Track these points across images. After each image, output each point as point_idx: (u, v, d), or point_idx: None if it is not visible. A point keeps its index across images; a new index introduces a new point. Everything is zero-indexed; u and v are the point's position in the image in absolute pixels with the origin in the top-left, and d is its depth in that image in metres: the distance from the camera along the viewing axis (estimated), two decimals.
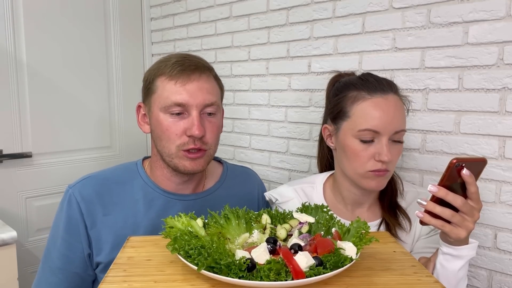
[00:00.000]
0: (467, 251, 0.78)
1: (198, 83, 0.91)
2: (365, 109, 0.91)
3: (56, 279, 0.93)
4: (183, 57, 0.93)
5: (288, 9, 1.49)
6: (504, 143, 1.05)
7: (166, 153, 0.92)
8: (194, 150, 0.90)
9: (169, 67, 0.90)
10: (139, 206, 0.96)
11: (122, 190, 0.97)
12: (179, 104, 0.89)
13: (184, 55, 0.95)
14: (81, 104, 1.90)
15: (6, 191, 1.69)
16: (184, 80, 0.90)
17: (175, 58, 0.92)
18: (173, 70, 0.90)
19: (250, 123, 1.69)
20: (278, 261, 0.58)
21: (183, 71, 0.90)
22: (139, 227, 0.94)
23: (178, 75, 0.90)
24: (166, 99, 0.89)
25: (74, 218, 0.92)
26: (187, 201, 0.99)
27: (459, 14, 1.09)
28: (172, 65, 0.90)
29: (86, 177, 0.97)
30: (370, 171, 0.91)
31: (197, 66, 0.92)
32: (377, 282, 0.63)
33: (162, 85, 0.90)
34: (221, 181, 1.07)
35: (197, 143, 0.90)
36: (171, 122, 0.90)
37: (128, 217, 0.94)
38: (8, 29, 1.66)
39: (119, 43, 2.02)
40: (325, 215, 0.77)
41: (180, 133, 0.90)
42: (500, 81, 1.04)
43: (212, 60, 1.79)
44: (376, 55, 1.27)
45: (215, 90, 0.95)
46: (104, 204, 0.94)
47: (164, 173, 0.97)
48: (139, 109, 0.98)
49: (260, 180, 1.19)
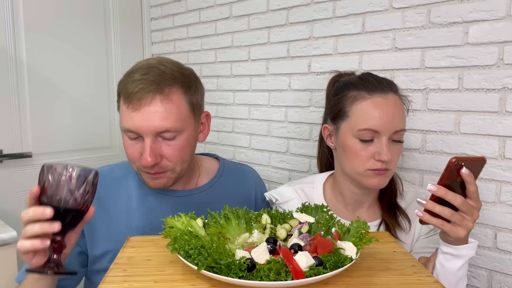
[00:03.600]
0: (466, 250, 0.78)
1: (149, 108, 0.83)
2: (365, 108, 0.91)
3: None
4: (145, 72, 0.85)
5: (288, 9, 1.49)
6: (504, 143, 1.05)
7: (134, 168, 0.93)
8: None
9: (128, 85, 0.84)
10: (133, 201, 0.97)
11: (118, 186, 0.98)
12: (131, 131, 0.86)
13: (151, 66, 0.87)
14: (81, 104, 1.90)
15: (6, 191, 1.69)
16: (135, 105, 0.83)
17: (138, 73, 0.85)
18: (127, 92, 0.84)
19: (250, 123, 1.69)
20: (278, 261, 0.58)
21: (136, 94, 0.83)
22: (132, 221, 0.95)
23: (131, 98, 0.84)
24: (122, 122, 0.88)
25: None
26: (179, 197, 0.99)
27: (459, 14, 1.09)
28: (131, 83, 0.84)
29: None
30: (369, 170, 0.91)
31: (156, 85, 0.83)
32: (377, 282, 0.63)
33: (121, 106, 0.87)
34: (217, 178, 1.06)
35: (153, 169, 0.88)
36: (130, 144, 0.89)
37: (122, 211, 0.96)
38: (8, 29, 1.66)
39: (119, 43, 2.02)
40: (325, 215, 0.77)
41: (138, 156, 0.88)
42: (500, 81, 1.04)
43: (212, 60, 1.79)
44: (376, 55, 1.27)
45: (174, 112, 0.85)
46: (99, 198, 0.93)
47: None
48: None
49: (259, 178, 1.18)
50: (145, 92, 0.83)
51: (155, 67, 0.87)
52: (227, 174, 1.09)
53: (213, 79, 1.80)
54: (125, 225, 0.94)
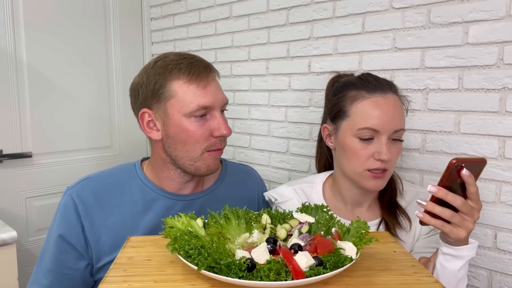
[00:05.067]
0: (467, 251, 0.78)
1: (214, 83, 0.93)
2: (365, 108, 0.91)
3: (46, 281, 0.91)
4: (188, 58, 0.92)
5: (288, 9, 1.49)
6: (504, 143, 1.05)
7: (190, 157, 0.91)
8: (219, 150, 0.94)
9: (184, 70, 0.89)
10: (138, 207, 0.95)
11: (121, 191, 0.96)
12: (205, 107, 0.89)
13: (183, 55, 0.93)
14: (81, 104, 1.90)
15: (6, 191, 1.69)
16: (205, 82, 0.90)
17: (183, 60, 0.91)
18: (191, 73, 0.89)
19: (250, 123, 1.69)
20: (278, 261, 0.58)
21: (200, 73, 0.90)
22: (138, 227, 0.94)
23: (199, 78, 0.90)
24: (190, 103, 0.88)
25: (71, 220, 0.91)
26: (187, 201, 0.99)
27: (459, 14, 1.09)
28: (187, 67, 0.89)
29: (85, 178, 0.97)
30: (369, 170, 0.91)
31: (207, 66, 0.93)
32: (377, 282, 0.63)
33: (182, 90, 0.89)
34: (221, 180, 1.07)
35: (222, 143, 0.94)
36: (197, 125, 0.90)
37: (127, 218, 0.94)
38: (8, 29, 1.66)
39: (119, 43, 2.02)
40: (325, 215, 0.77)
41: (207, 135, 0.91)
42: (500, 81, 1.04)
43: (212, 60, 1.79)
44: (376, 55, 1.27)
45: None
46: (103, 205, 0.93)
47: (170, 174, 0.96)
48: (143, 116, 0.93)
49: (261, 179, 1.19)
50: (207, 71, 0.92)
51: (189, 56, 0.95)
52: (230, 175, 1.09)
53: None
54: (131, 232, 0.92)
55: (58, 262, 0.91)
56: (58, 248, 0.91)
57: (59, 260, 0.91)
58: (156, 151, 0.96)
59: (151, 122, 0.93)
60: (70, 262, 0.91)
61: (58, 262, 0.91)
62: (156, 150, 0.96)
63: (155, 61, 0.93)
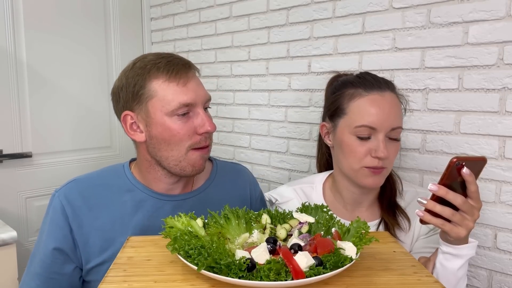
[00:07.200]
0: (466, 250, 0.78)
1: (195, 80, 0.92)
2: (362, 105, 0.91)
3: (34, 284, 0.90)
4: (167, 56, 0.91)
5: (288, 9, 1.49)
6: (504, 143, 1.05)
7: (175, 157, 0.90)
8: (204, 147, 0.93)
9: (162, 68, 0.88)
10: (127, 208, 0.94)
11: (109, 192, 0.95)
12: (186, 105, 0.88)
13: (161, 54, 0.92)
14: (81, 104, 1.90)
15: (6, 191, 1.69)
16: (184, 80, 0.89)
17: (161, 59, 0.89)
18: (169, 71, 0.88)
19: (250, 123, 1.69)
20: (278, 261, 0.58)
21: (180, 71, 0.89)
22: (127, 229, 0.92)
23: (179, 76, 0.88)
24: (171, 102, 0.87)
25: (58, 222, 0.90)
26: (177, 201, 0.97)
27: (459, 14, 1.09)
28: (165, 66, 0.88)
29: (72, 180, 0.96)
30: (366, 167, 0.91)
31: (186, 63, 0.92)
32: (377, 282, 0.63)
33: (162, 88, 0.87)
34: (211, 179, 1.05)
35: (207, 140, 0.92)
36: (180, 124, 0.88)
37: (116, 219, 0.92)
38: (8, 29, 1.66)
39: (119, 43, 2.02)
40: (325, 215, 0.77)
41: (192, 133, 0.89)
42: (500, 81, 1.04)
43: (212, 60, 1.79)
44: (376, 55, 1.27)
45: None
46: (91, 207, 0.92)
47: (157, 176, 0.95)
48: (125, 119, 0.92)
49: (252, 177, 1.16)
50: (185, 68, 0.91)
51: (167, 55, 0.93)
52: (221, 174, 1.07)
53: (213, 79, 1.80)
54: (121, 233, 0.91)
55: (45, 266, 0.90)
56: (45, 251, 0.90)
57: (46, 264, 0.90)
58: (141, 153, 0.95)
59: (134, 124, 0.92)
60: (57, 267, 0.90)
61: (45, 266, 0.90)
62: (141, 152, 0.95)
63: (134, 63, 0.92)
